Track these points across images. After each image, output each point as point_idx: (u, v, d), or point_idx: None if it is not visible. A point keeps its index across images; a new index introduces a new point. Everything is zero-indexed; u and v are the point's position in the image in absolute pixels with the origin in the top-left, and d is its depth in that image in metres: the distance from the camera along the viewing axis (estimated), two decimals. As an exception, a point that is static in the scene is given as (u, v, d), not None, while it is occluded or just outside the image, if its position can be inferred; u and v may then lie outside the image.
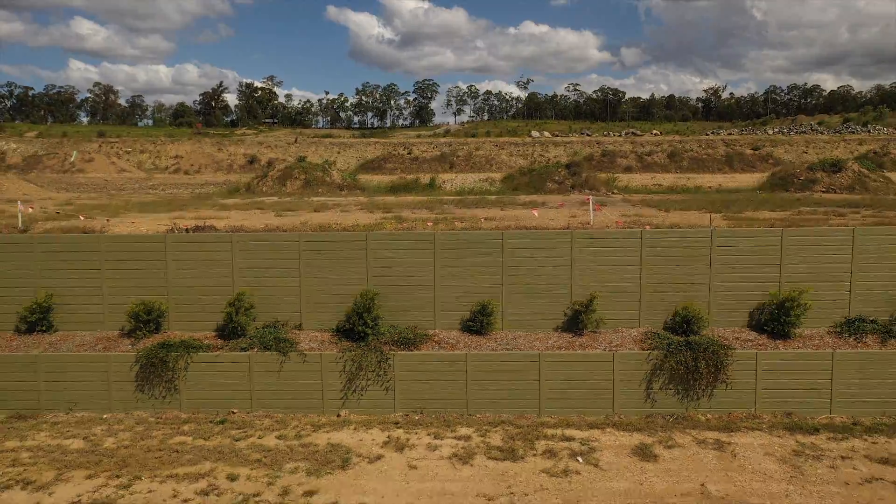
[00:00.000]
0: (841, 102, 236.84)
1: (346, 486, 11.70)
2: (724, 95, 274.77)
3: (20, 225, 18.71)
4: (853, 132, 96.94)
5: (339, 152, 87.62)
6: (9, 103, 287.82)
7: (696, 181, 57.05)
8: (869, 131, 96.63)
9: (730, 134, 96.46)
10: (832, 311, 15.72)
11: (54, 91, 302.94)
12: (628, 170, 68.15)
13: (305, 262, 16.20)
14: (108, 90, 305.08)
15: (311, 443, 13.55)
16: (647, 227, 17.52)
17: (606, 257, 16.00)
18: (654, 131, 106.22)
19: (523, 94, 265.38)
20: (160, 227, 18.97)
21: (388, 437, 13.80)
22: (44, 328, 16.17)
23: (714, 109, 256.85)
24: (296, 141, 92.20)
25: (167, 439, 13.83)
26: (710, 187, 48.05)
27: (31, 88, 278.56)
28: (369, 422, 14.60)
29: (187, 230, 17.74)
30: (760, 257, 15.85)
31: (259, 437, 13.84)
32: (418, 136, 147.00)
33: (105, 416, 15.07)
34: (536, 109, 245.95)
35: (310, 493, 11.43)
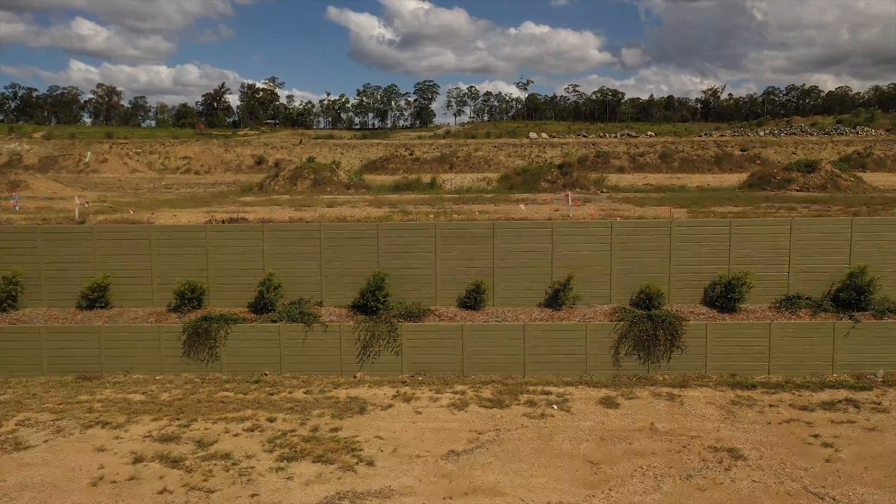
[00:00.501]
0: (839, 103, 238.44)
1: (363, 425, 14.46)
2: (723, 96, 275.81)
3: (77, 217, 21.48)
4: (842, 134, 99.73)
5: (342, 153, 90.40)
6: (13, 104, 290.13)
7: (685, 181, 59.79)
8: (857, 133, 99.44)
9: (722, 135, 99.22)
10: (773, 289, 18.48)
11: (58, 92, 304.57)
12: (621, 170, 70.89)
13: (325, 249, 18.96)
14: (112, 91, 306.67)
15: (333, 396, 16.32)
16: (618, 218, 20.29)
17: (582, 244, 18.76)
18: (650, 132, 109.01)
19: (523, 95, 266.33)
20: (197, 219, 21.76)
21: (397, 392, 16.57)
22: (102, 304, 18.93)
23: (713, 110, 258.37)
24: (300, 142, 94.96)
25: (213, 394, 16.60)
26: (697, 186, 50.83)
27: (35, 90, 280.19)
28: (381, 381, 17.36)
29: (223, 221, 20.52)
30: (712, 244, 18.62)
31: (289, 393, 16.61)
32: (419, 138, 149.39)
33: (158, 378, 17.84)
34: (536, 110, 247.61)
35: (335, 430, 14.18)
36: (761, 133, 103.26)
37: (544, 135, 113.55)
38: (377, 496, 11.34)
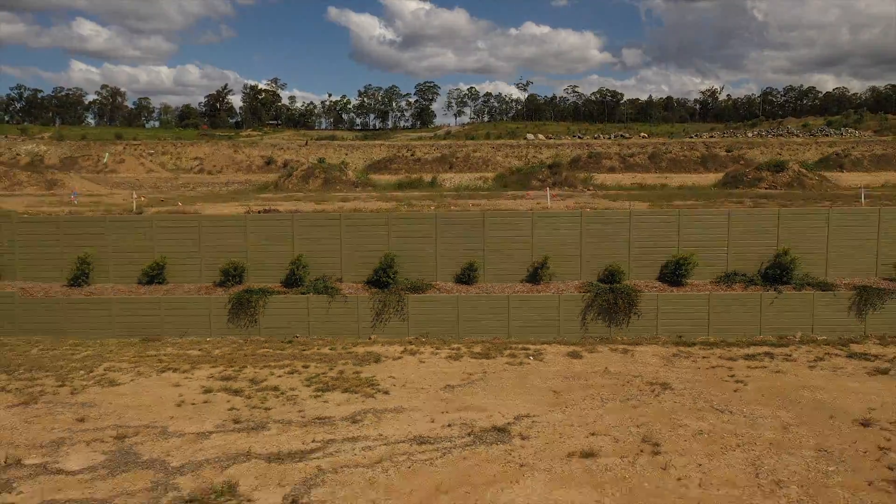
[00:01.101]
0: (836, 104, 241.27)
1: (379, 370, 18.34)
2: (722, 97, 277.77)
3: (135, 209, 25.40)
4: (827, 135, 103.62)
5: (347, 154, 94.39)
6: (18, 105, 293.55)
7: (671, 180, 63.74)
8: (842, 134, 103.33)
9: (711, 137, 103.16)
10: (714, 267, 22.38)
11: (62, 93, 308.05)
12: (612, 170, 74.84)
13: (344, 234, 22.86)
14: (116, 92, 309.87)
15: (353, 352, 20.20)
16: (589, 209, 24.20)
17: (557, 230, 22.66)
18: (643, 134, 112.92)
19: (523, 96, 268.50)
20: (235, 211, 25.69)
21: (405, 349, 20.46)
22: (159, 281, 22.83)
23: (711, 111, 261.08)
24: (306, 144, 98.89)
25: (255, 351, 20.49)
26: (678, 185, 54.73)
27: (40, 90, 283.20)
28: (391, 341, 21.25)
29: (259, 212, 24.43)
30: (665, 230, 22.52)
31: (317, 349, 20.49)
32: (420, 139, 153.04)
33: (208, 339, 21.73)
34: (536, 111, 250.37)
35: (357, 373, 18.08)
36: (750, 134, 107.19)
37: (541, 136, 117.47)
38: (393, 411, 15.24)
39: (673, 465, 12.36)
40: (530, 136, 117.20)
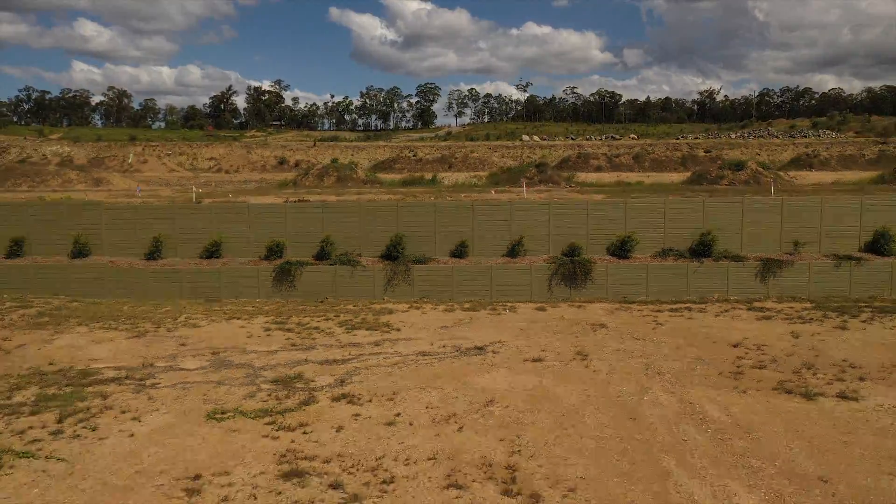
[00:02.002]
0: (832, 104, 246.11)
1: (392, 318, 24.42)
2: (719, 98, 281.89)
3: (194, 200, 31.52)
4: (805, 136, 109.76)
5: (352, 154, 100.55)
6: (26, 107, 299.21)
7: (652, 178, 69.90)
8: (819, 136, 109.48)
9: (696, 138, 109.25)
10: (653, 244, 28.46)
11: (70, 95, 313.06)
12: (598, 169, 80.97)
13: (363, 219, 28.95)
14: (122, 94, 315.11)
15: (371, 308, 26.28)
16: (556, 199, 30.31)
17: (530, 216, 28.75)
18: (632, 135, 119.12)
19: (522, 97, 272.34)
20: (274, 201, 31.80)
21: (410, 305, 26.55)
22: (217, 256, 28.92)
23: (709, 111, 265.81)
24: (314, 145, 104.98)
25: (296, 308, 26.57)
26: (653, 183, 60.83)
27: (48, 92, 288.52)
28: (400, 301, 27.34)
29: (294, 202, 30.56)
30: (614, 216, 28.62)
31: (343, 306, 26.58)
32: (421, 139, 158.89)
33: (258, 300, 27.83)
34: (536, 112, 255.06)
35: (376, 319, 24.16)
36: (733, 136, 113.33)
37: (536, 137, 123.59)
38: (404, 339, 21.35)
39: (593, 365, 18.47)
40: (525, 137, 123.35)
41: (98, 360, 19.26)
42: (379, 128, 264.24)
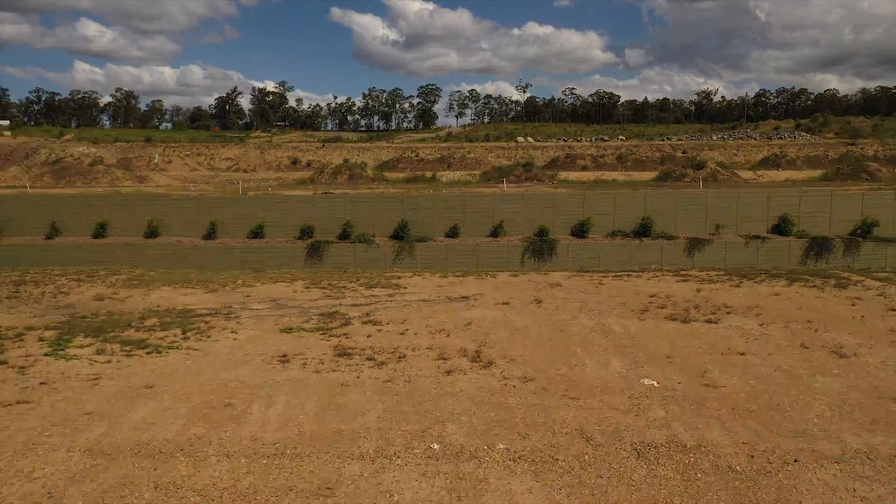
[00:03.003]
0: (828, 105, 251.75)
1: (400, 281, 31.98)
2: (717, 98, 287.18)
3: (241, 192, 39.11)
4: (781, 138, 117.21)
5: (358, 154, 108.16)
6: (36, 108, 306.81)
7: (630, 176, 77.41)
8: (794, 137, 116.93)
9: (680, 139, 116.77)
10: (606, 226, 36.01)
11: (79, 96, 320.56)
12: (584, 168, 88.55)
13: (376, 207, 36.50)
14: (129, 95, 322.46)
15: (383, 275, 33.84)
16: (531, 192, 37.88)
17: (509, 205, 36.31)
18: (621, 137, 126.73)
19: (522, 98, 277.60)
20: (304, 194, 39.37)
21: (414, 274, 34.09)
22: (260, 236, 36.51)
23: (706, 111, 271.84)
24: (323, 146, 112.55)
25: (325, 275, 34.11)
26: (626, 180, 68.33)
27: (57, 93, 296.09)
28: (405, 271, 34.88)
29: (322, 194, 38.14)
30: (577, 204, 36.17)
31: (362, 274, 34.13)
32: (422, 140, 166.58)
33: (293, 270, 35.37)
34: (535, 112, 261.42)
35: (388, 281, 31.73)
36: (714, 137, 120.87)
37: (530, 139, 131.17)
38: (410, 293, 28.93)
39: (544, 306, 26.04)
40: (521, 139, 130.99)
41: (190, 304, 26.85)
42: (381, 128, 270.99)
